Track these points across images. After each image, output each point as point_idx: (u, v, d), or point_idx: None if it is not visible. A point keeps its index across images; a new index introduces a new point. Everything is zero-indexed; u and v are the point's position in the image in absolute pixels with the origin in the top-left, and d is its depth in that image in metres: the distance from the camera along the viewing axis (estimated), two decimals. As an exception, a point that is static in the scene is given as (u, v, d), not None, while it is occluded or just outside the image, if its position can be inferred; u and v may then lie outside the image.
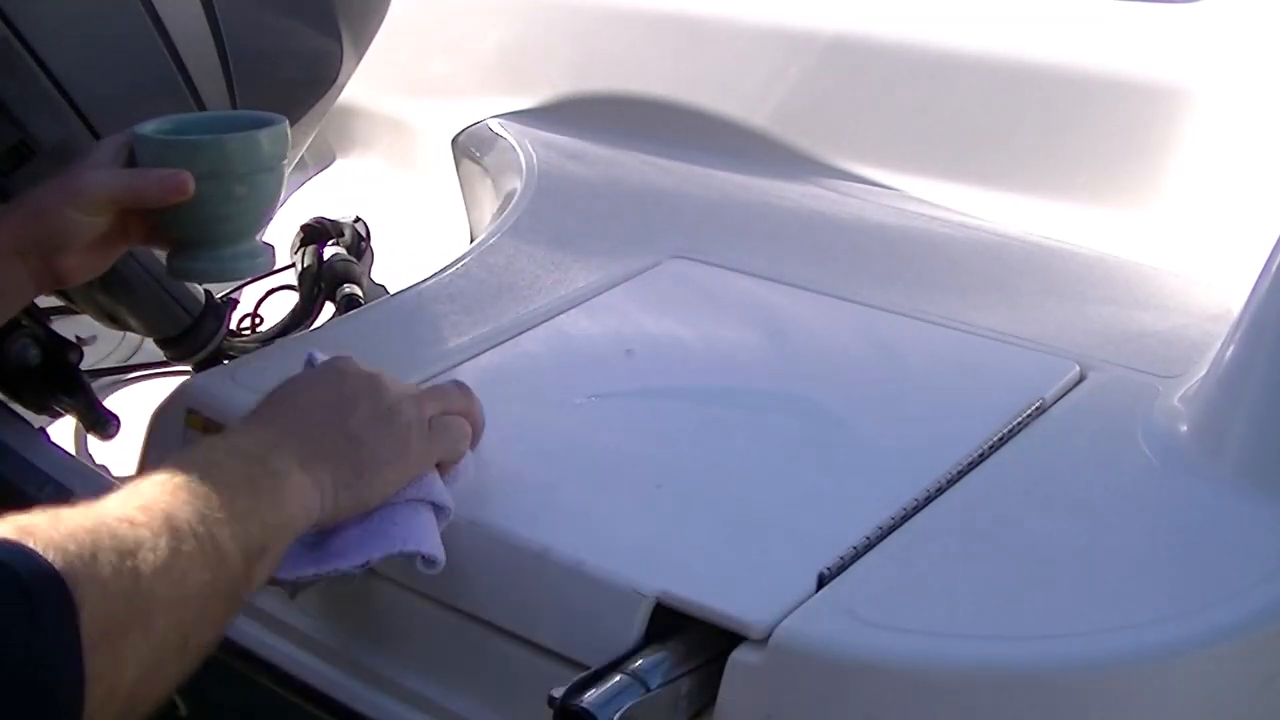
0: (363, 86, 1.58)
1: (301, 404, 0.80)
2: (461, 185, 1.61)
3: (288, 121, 1.01)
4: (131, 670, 0.62)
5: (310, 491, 0.75)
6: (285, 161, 1.01)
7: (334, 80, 1.45)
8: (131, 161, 0.97)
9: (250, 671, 0.96)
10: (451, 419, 0.85)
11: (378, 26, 1.49)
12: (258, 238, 1.03)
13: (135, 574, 0.63)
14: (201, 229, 0.99)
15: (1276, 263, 0.87)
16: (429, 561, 0.80)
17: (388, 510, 0.80)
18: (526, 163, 1.45)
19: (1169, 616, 0.74)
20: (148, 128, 0.99)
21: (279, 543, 0.73)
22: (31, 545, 0.60)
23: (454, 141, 1.61)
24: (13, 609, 0.58)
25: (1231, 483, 0.84)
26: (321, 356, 0.88)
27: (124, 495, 0.67)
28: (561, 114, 1.59)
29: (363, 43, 1.48)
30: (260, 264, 1.04)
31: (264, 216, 1.02)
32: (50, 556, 0.60)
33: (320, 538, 0.79)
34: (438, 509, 0.82)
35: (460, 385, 0.88)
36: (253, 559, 0.70)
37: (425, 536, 0.80)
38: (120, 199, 0.95)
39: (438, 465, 0.83)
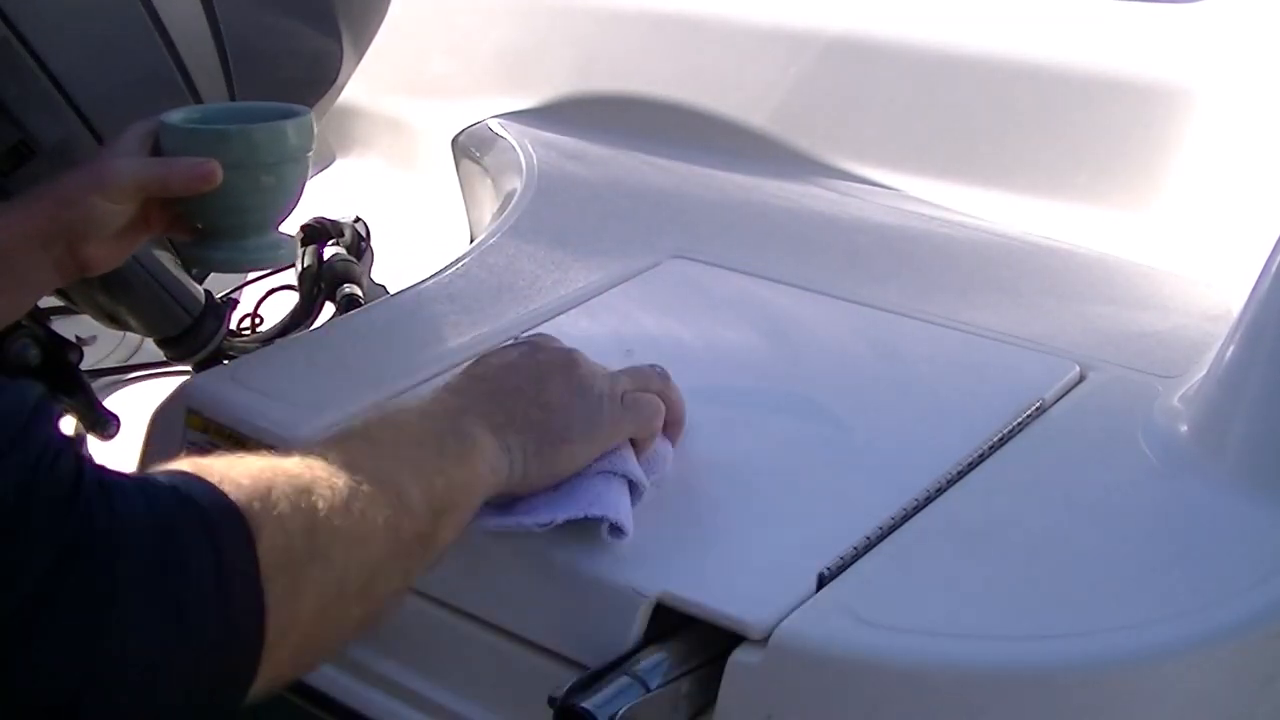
0: (363, 86, 1.58)
1: (495, 374, 0.81)
2: (461, 185, 1.61)
3: (312, 113, 1.02)
4: (310, 602, 0.64)
5: (499, 456, 0.76)
6: (310, 153, 1.01)
7: (334, 80, 1.45)
8: (157, 150, 0.97)
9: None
10: (645, 396, 0.84)
11: (378, 26, 1.49)
12: (280, 229, 1.04)
13: (312, 509, 0.64)
14: (226, 218, 0.99)
15: (1276, 263, 0.87)
16: (616, 529, 0.79)
17: (578, 479, 0.80)
18: (526, 163, 1.45)
19: (1169, 616, 0.74)
20: (174, 116, 1.00)
21: (466, 501, 0.74)
22: (210, 479, 0.62)
23: (454, 141, 1.61)
24: (197, 538, 0.60)
25: (1231, 483, 0.84)
26: (521, 338, 0.88)
27: (303, 449, 0.68)
28: (561, 114, 1.59)
29: (363, 43, 1.48)
30: (283, 255, 1.05)
31: (288, 207, 1.02)
32: (226, 489, 0.62)
33: (509, 502, 0.79)
34: (631, 485, 0.82)
35: (659, 369, 0.87)
36: (439, 513, 0.71)
37: (615, 504, 0.80)
38: (148, 187, 0.95)
39: (633, 444, 0.83)
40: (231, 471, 0.63)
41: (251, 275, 1.51)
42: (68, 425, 1.44)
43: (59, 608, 0.56)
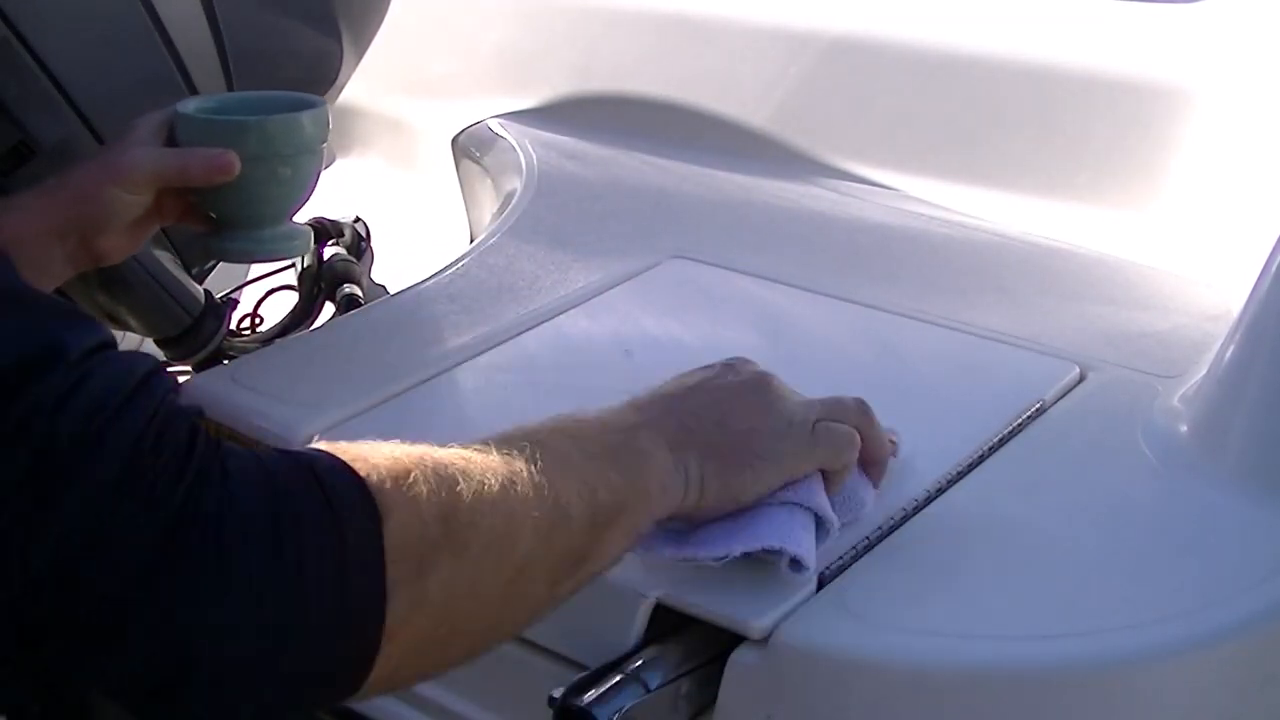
0: (363, 86, 1.58)
1: (681, 393, 0.77)
2: (461, 185, 1.61)
3: (327, 104, 1.02)
4: (438, 594, 0.60)
5: (674, 474, 0.72)
6: (325, 144, 1.02)
7: (334, 80, 1.45)
8: (172, 141, 0.97)
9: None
10: (839, 426, 0.78)
11: (378, 26, 1.49)
12: (295, 220, 1.04)
13: (454, 498, 0.61)
14: (243, 209, 1.00)
15: (1276, 263, 0.87)
16: (798, 565, 0.75)
17: (761, 508, 0.76)
18: (526, 163, 1.45)
19: (1169, 616, 0.74)
20: (189, 106, 1.00)
21: (635, 516, 0.70)
22: (344, 460, 0.60)
23: (454, 141, 1.61)
24: (315, 514, 0.57)
25: (1231, 483, 0.84)
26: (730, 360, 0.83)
27: (464, 442, 0.66)
28: (561, 114, 1.59)
29: (363, 43, 1.48)
30: (298, 246, 1.05)
31: (303, 198, 1.03)
32: (358, 467, 0.59)
33: (686, 528, 0.76)
34: (818, 521, 0.77)
35: (860, 401, 0.81)
36: (601, 525, 0.68)
37: (797, 538, 0.74)
38: (166, 177, 0.95)
39: (826, 478, 0.78)
40: (369, 453, 0.61)
41: (251, 275, 1.51)
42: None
43: (163, 582, 0.54)
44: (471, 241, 1.38)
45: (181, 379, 1.12)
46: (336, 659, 0.59)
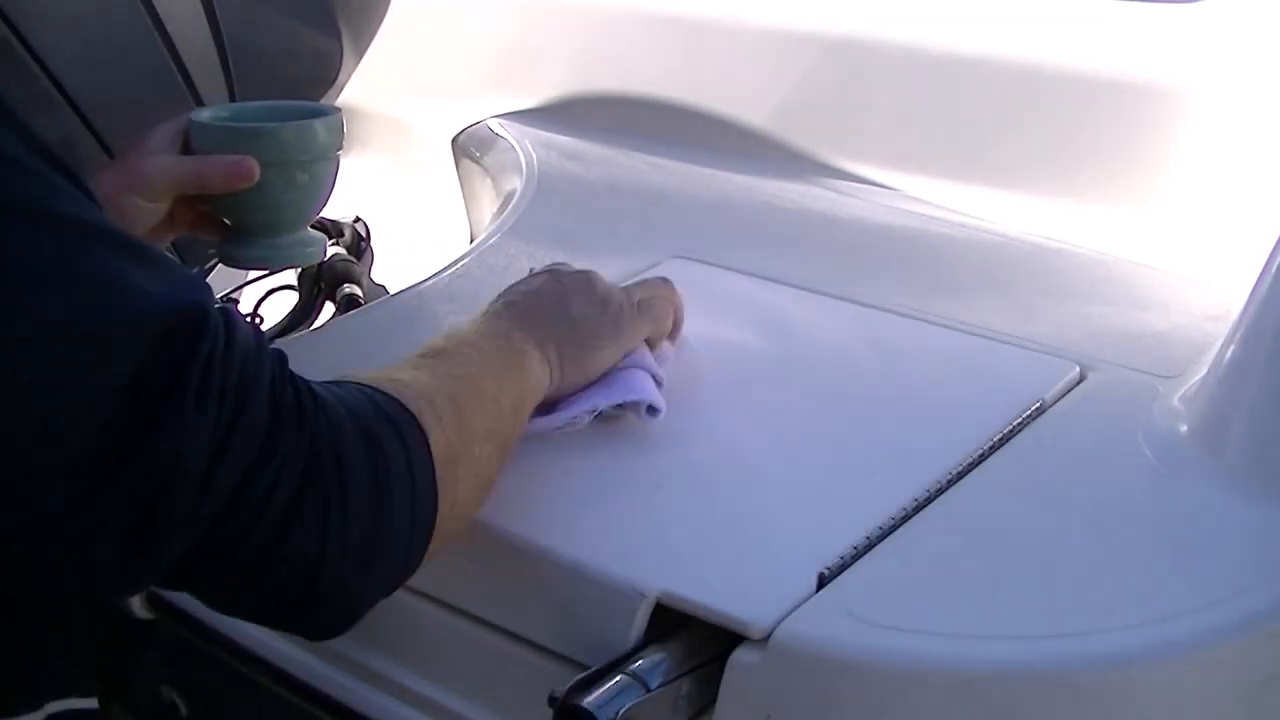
0: (363, 86, 1.58)
1: (528, 300, 0.90)
2: (461, 185, 1.61)
3: (342, 112, 1.02)
4: (465, 485, 0.77)
5: (542, 366, 0.86)
6: (339, 151, 1.02)
7: (334, 80, 1.46)
8: (186, 149, 0.97)
9: (250, 671, 0.96)
10: (655, 299, 0.95)
11: (378, 26, 1.49)
12: (308, 227, 1.04)
13: (459, 414, 0.77)
14: (260, 216, 1.00)
15: (1276, 263, 0.87)
16: (653, 410, 0.91)
17: (608, 375, 0.91)
18: (526, 163, 1.45)
19: (1169, 616, 0.74)
20: (204, 115, 1.00)
21: (527, 405, 0.85)
22: (384, 391, 0.74)
23: (454, 141, 1.61)
24: (390, 441, 0.71)
25: (1231, 483, 0.84)
26: (538, 268, 0.98)
27: (417, 364, 0.80)
28: (561, 114, 1.59)
29: (363, 43, 1.48)
30: (313, 252, 1.06)
31: (319, 205, 1.03)
32: (404, 400, 0.74)
33: (550, 407, 0.89)
34: (653, 377, 0.92)
35: (664, 279, 0.98)
36: (516, 414, 0.84)
37: (646, 390, 0.91)
38: (185, 184, 0.96)
39: (649, 343, 0.94)
40: (402, 386, 0.75)
41: (251, 275, 1.51)
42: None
43: (307, 506, 0.65)
44: (471, 241, 1.38)
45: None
46: (414, 557, 0.73)
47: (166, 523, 0.60)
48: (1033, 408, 0.95)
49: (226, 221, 1.02)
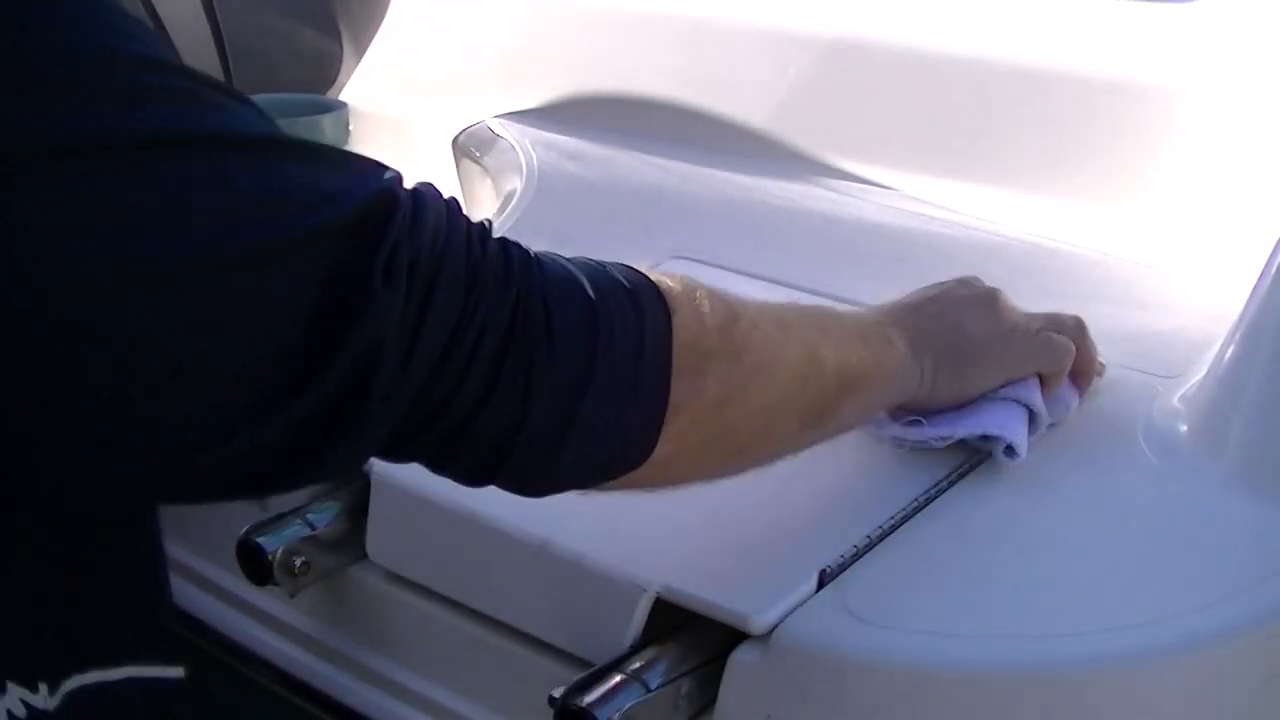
0: (363, 86, 1.58)
1: (921, 302, 0.86)
2: (461, 185, 1.61)
3: (348, 107, 1.02)
4: (711, 392, 0.69)
5: (912, 365, 0.81)
6: (346, 146, 1.02)
7: (334, 80, 1.46)
8: None
9: (250, 671, 0.96)
10: (1058, 336, 0.89)
11: (378, 26, 1.49)
12: None
13: (731, 315, 0.71)
14: None
15: (1276, 263, 0.87)
16: (1012, 451, 0.84)
17: (983, 401, 0.85)
18: (526, 163, 1.45)
19: (1169, 616, 0.74)
20: None
21: (873, 391, 0.79)
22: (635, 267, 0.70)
23: (454, 141, 1.61)
24: (619, 301, 0.67)
25: (1231, 483, 0.84)
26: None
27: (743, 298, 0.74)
28: (561, 114, 1.59)
29: (363, 43, 1.48)
30: None
31: None
32: (654, 279, 0.69)
33: (913, 417, 0.85)
34: (1031, 416, 0.86)
35: (1078, 319, 0.93)
36: (846, 386, 0.77)
37: (1014, 428, 0.84)
38: None
39: (1041, 381, 0.88)
40: (660, 275, 0.70)
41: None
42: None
43: (509, 361, 0.63)
44: (471, 241, 1.38)
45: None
46: (627, 433, 0.68)
47: (374, 405, 0.60)
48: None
49: None
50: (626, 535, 0.82)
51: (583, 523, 0.83)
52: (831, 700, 0.73)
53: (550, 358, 0.64)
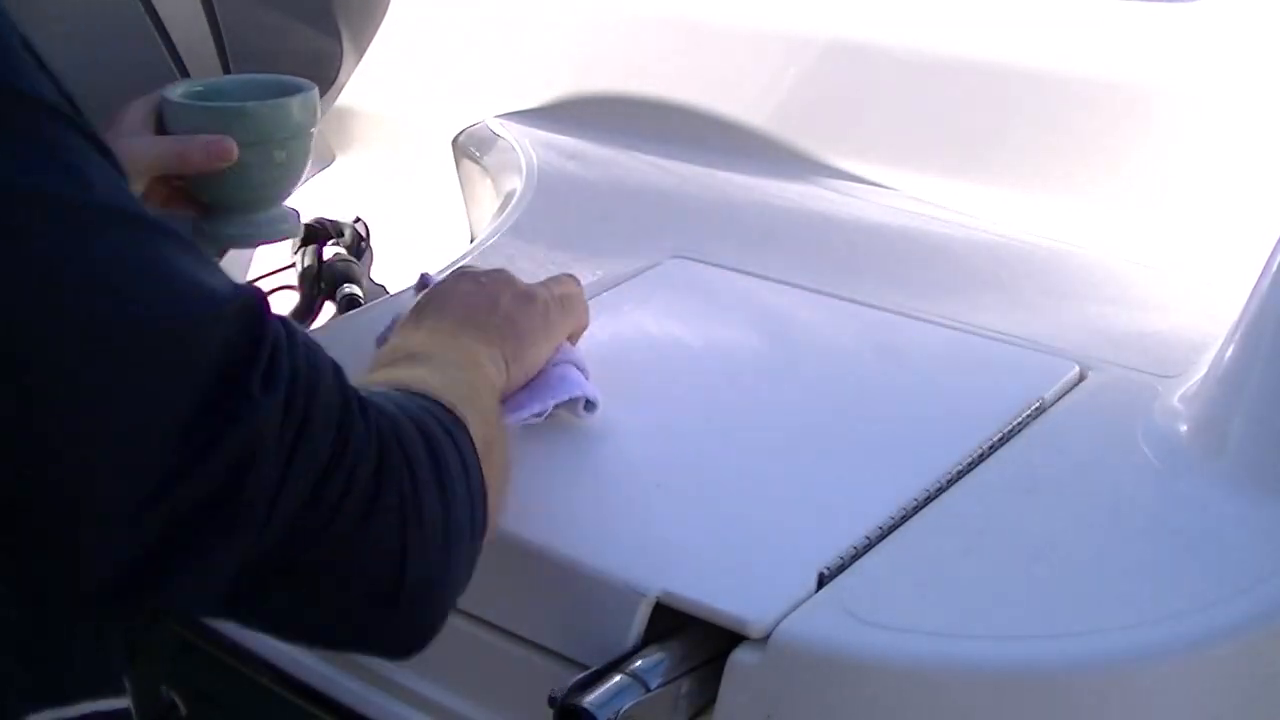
0: (363, 86, 1.58)
1: (456, 301, 0.89)
2: (461, 185, 1.61)
3: (316, 88, 1.03)
4: (496, 479, 0.76)
5: (493, 367, 0.86)
6: (315, 128, 1.02)
7: (334, 80, 1.46)
8: (160, 127, 0.97)
9: (250, 671, 0.96)
10: (572, 295, 0.96)
11: (378, 26, 1.49)
12: (286, 203, 1.05)
13: (485, 411, 0.78)
14: (239, 194, 1.00)
15: (1276, 263, 0.87)
16: (591, 405, 0.92)
17: (545, 373, 0.92)
18: (526, 163, 1.45)
19: (1169, 616, 0.74)
20: (176, 92, 0.99)
21: (495, 406, 0.84)
22: (421, 391, 0.73)
23: (454, 141, 1.61)
24: (443, 437, 0.70)
25: (1231, 483, 0.84)
26: (435, 277, 0.99)
27: (413, 368, 0.78)
28: (561, 114, 1.59)
29: (363, 43, 1.48)
30: (290, 228, 1.06)
31: (296, 181, 1.04)
32: (441, 399, 0.73)
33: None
34: (580, 370, 0.94)
35: (570, 275, 0.99)
36: (496, 409, 0.84)
37: (583, 385, 0.92)
38: (165, 165, 0.96)
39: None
40: (426, 387, 0.74)
41: (252, 274, 1.51)
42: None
43: (385, 495, 0.64)
44: (471, 241, 1.38)
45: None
46: (475, 554, 0.72)
47: (245, 517, 0.58)
48: (1033, 407, 0.95)
49: (203, 199, 1.02)
50: (625, 538, 0.82)
51: (582, 527, 0.83)
52: (831, 700, 0.73)
53: (416, 497, 0.66)
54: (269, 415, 0.58)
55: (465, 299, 0.89)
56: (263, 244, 1.28)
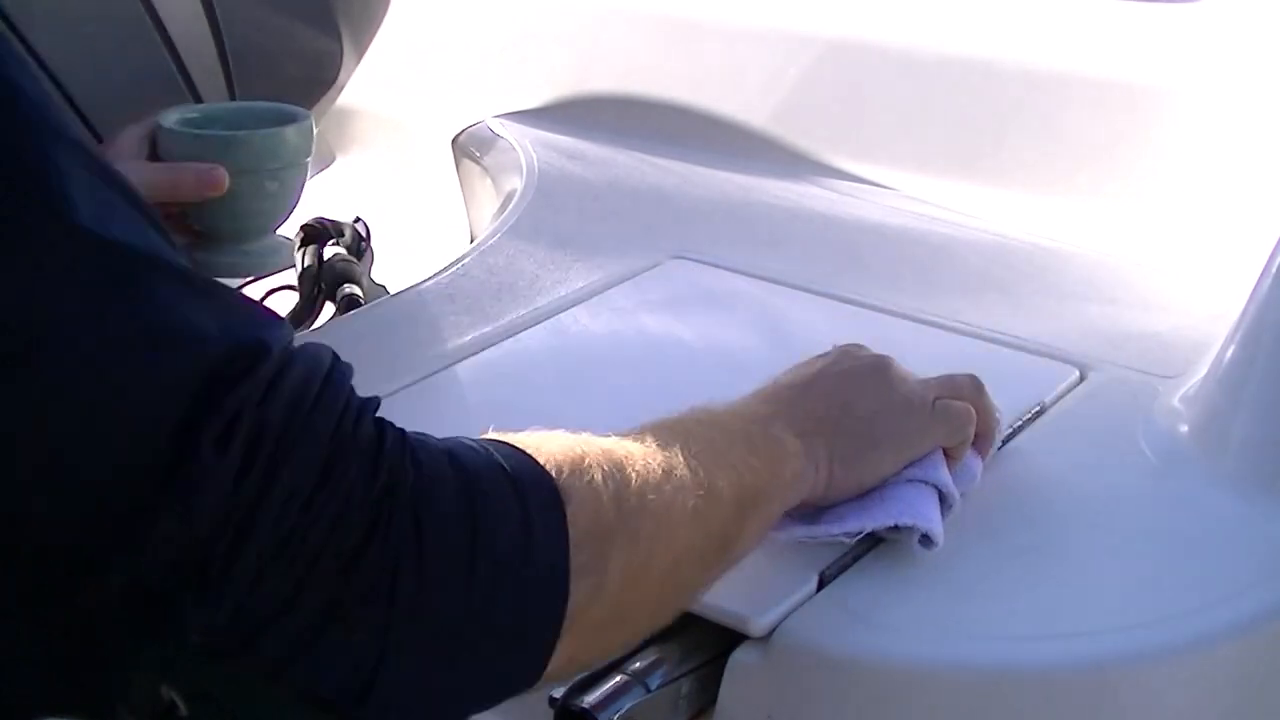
0: (363, 86, 1.58)
1: (803, 381, 0.78)
2: (461, 185, 1.61)
3: (312, 116, 1.02)
4: (616, 576, 0.61)
5: (806, 462, 0.73)
6: (309, 158, 1.02)
7: (334, 80, 1.45)
8: (154, 153, 0.97)
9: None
10: (956, 403, 0.81)
11: (378, 26, 1.49)
12: (278, 232, 1.04)
13: (624, 482, 0.62)
14: (229, 223, 1.00)
15: (1276, 263, 0.87)
16: (928, 540, 0.77)
17: (887, 487, 0.78)
18: (526, 163, 1.45)
19: (1169, 616, 0.74)
20: (170, 119, 0.99)
21: (770, 504, 0.72)
22: (526, 451, 0.60)
23: (454, 141, 1.61)
24: (504, 499, 0.58)
25: (1231, 483, 0.84)
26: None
27: (616, 432, 0.67)
28: (561, 114, 1.59)
29: (363, 43, 1.48)
30: (282, 258, 1.06)
31: (287, 211, 1.03)
32: (537, 457, 0.60)
33: (814, 511, 0.77)
34: (940, 495, 0.79)
35: (973, 379, 0.84)
36: (745, 508, 0.69)
37: (926, 513, 0.77)
38: (157, 193, 0.94)
39: (945, 453, 0.80)
40: (542, 443, 0.62)
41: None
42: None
43: (365, 576, 0.53)
44: (471, 241, 1.38)
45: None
46: (527, 664, 0.59)
47: (185, 604, 0.51)
48: (1033, 408, 0.95)
49: (195, 228, 1.01)
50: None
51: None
52: (831, 700, 0.73)
53: (420, 576, 0.54)
54: (216, 485, 0.51)
55: (814, 380, 0.78)
56: (253, 274, 1.28)
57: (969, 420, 0.81)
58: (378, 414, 0.57)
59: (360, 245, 1.47)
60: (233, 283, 1.48)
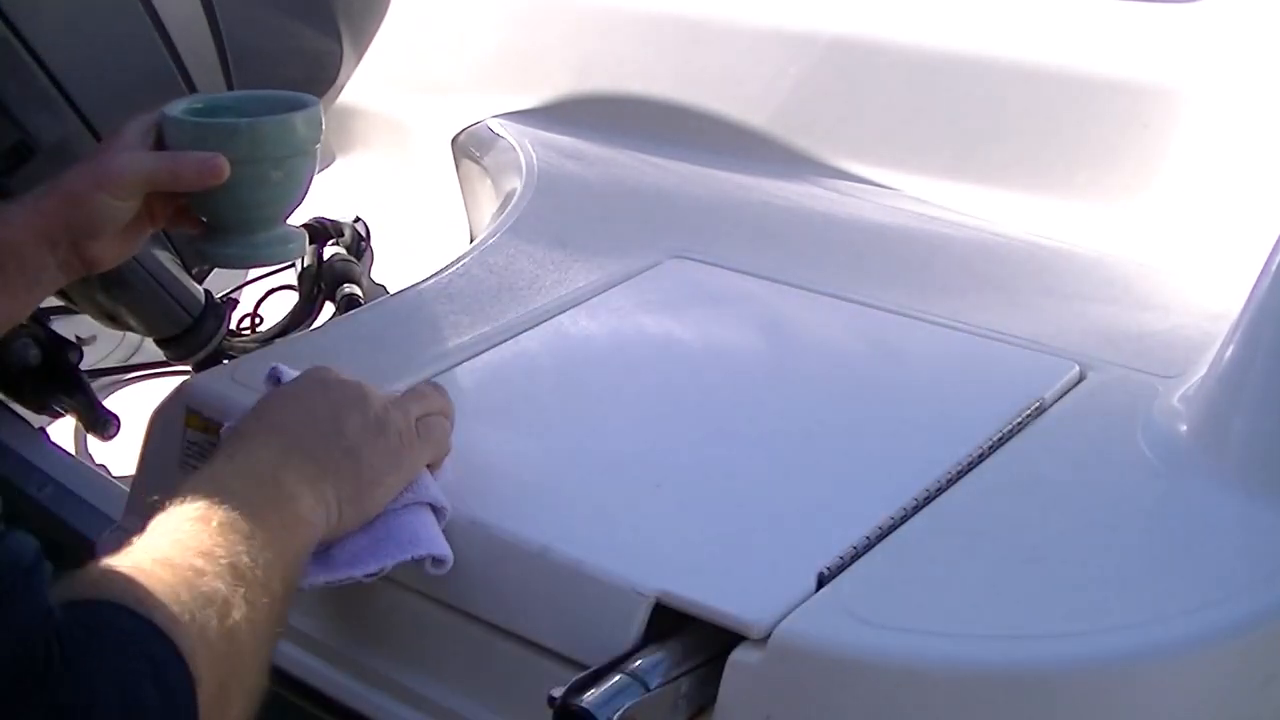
0: (363, 86, 1.58)
1: (295, 418, 0.82)
2: (461, 185, 1.61)
3: (320, 104, 1.00)
4: (236, 707, 0.68)
5: (318, 509, 0.78)
6: (318, 145, 1.00)
7: (334, 80, 1.46)
8: (160, 144, 0.96)
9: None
10: (435, 420, 0.86)
11: (378, 26, 1.49)
12: (289, 222, 1.02)
13: (232, 636, 0.67)
14: (235, 213, 0.98)
15: (1276, 263, 0.87)
16: (438, 562, 0.82)
17: (390, 517, 0.82)
18: (526, 163, 1.45)
19: (1169, 616, 0.74)
20: (176, 109, 0.98)
21: (299, 562, 0.76)
22: (146, 614, 0.63)
23: (454, 141, 1.61)
24: (149, 694, 0.61)
25: (1231, 483, 0.84)
26: (289, 372, 0.88)
27: (170, 536, 0.70)
28: (561, 114, 1.59)
29: (363, 43, 1.48)
30: (292, 249, 1.03)
31: (296, 200, 1.01)
32: (167, 629, 0.63)
33: (326, 549, 0.80)
34: (435, 509, 0.84)
35: (435, 385, 0.90)
36: (289, 587, 0.74)
37: (432, 539, 0.82)
38: (157, 182, 0.94)
39: (430, 465, 0.85)
40: (154, 596, 0.64)
41: (251, 275, 1.51)
42: (68, 425, 1.44)
43: None
44: (471, 241, 1.38)
45: (181, 379, 1.12)
46: None
47: None
48: (1033, 408, 0.95)
49: (201, 218, 1.01)
50: (625, 539, 0.82)
51: (582, 527, 0.83)
52: (831, 700, 0.73)
53: None
54: None
55: (304, 418, 0.81)
56: (263, 265, 1.26)
57: (446, 434, 0.86)
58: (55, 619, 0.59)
59: (360, 245, 1.47)
60: (235, 277, 1.49)
